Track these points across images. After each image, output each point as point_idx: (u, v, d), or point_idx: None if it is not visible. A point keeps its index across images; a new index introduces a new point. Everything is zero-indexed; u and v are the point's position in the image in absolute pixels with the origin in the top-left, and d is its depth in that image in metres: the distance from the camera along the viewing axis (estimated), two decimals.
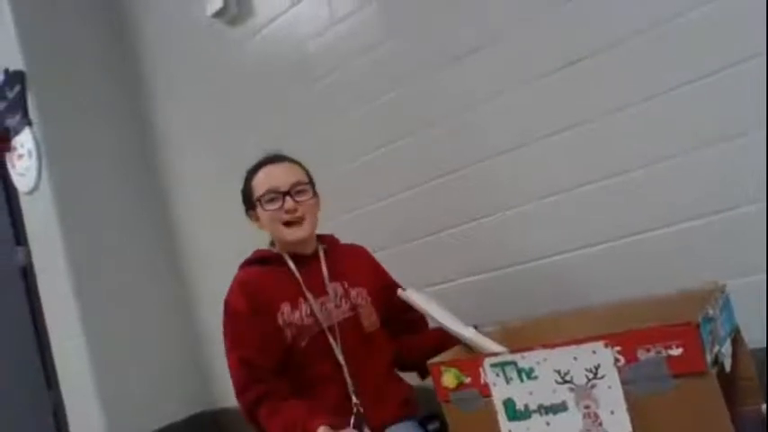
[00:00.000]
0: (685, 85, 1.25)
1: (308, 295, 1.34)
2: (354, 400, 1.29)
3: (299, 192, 1.36)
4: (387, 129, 1.74)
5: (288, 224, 1.35)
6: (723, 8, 1.20)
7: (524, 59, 1.46)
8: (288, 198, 1.34)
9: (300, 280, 1.35)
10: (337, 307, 1.35)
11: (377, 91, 1.75)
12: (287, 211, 1.34)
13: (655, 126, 1.30)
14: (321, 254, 1.41)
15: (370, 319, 1.38)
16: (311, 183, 1.41)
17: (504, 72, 1.50)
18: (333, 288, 1.37)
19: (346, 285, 1.38)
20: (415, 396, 1.40)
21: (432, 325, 1.37)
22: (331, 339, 1.31)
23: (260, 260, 1.41)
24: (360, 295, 1.39)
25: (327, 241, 1.46)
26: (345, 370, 1.31)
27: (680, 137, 1.27)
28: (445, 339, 1.20)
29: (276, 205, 1.34)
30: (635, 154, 1.33)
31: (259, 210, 1.37)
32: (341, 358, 1.31)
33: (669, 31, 1.26)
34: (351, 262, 1.44)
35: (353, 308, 1.37)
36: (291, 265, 1.37)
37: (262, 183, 1.37)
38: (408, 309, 1.32)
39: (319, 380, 1.31)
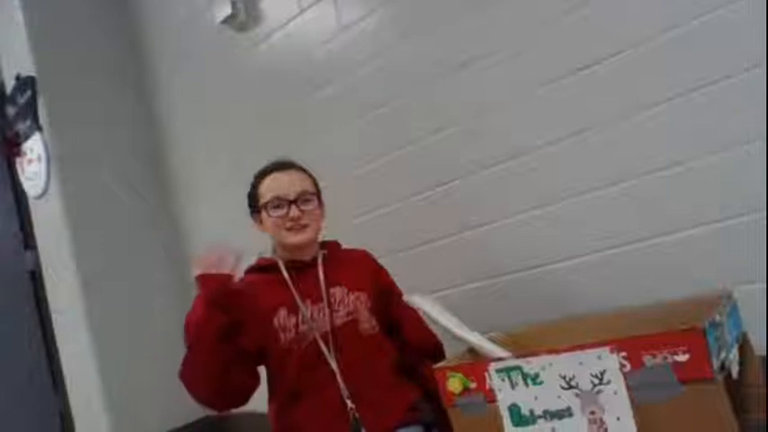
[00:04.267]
0: (692, 92, 1.25)
1: (303, 302, 1.35)
2: (350, 405, 1.30)
3: (304, 201, 1.39)
4: (394, 135, 1.74)
5: (290, 229, 1.38)
6: (725, 19, 1.20)
7: (532, 66, 1.46)
8: (293, 207, 1.37)
9: (293, 287, 1.37)
10: (335, 312, 1.37)
11: (384, 98, 1.75)
12: (291, 219, 1.37)
13: (659, 133, 1.30)
14: (320, 260, 1.42)
15: (368, 323, 1.39)
16: (317, 192, 1.43)
17: (511, 79, 1.50)
18: (331, 293, 1.38)
19: (346, 290, 1.40)
20: (422, 401, 1.39)
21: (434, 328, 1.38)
22: (323, 346, 1.33)
23: (260, 268, 1.44)
24: (358, 299, 1.40)
25: (329, 247, 1.47)
26: (339, 376, 1.32)
27: (685, 144, 1.27)
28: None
29: (281, 212, 1.37)
30: (641, 161, 1.33)
31: (264, 215, 1.40)
32: (333, 365, 1.32)
33: (674, 40, 1.26)
34: (351, 266, 1.45)
35: (351, 312, 1.38)
36: (284, 272, 1.39)
37: (268, 189, 1.39)
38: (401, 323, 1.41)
39: (313, 386, 1.32)
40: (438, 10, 1.62)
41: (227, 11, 2.09)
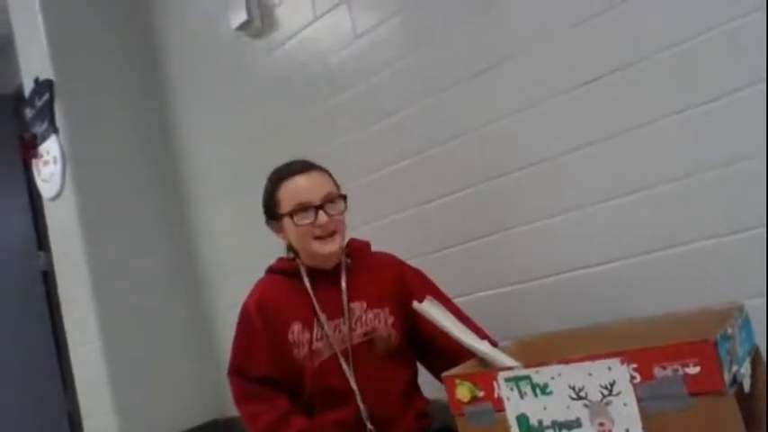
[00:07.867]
0: (699, 106, 1.25)
1: (322, 317, 1.29)
2: (369, 426, 1.26)
3: (331, 204, 1.29)
4: (408, 142, 1.75)
5: (318, 237, 1.29)
6: (728, 35, 1.20)
7: (545, 76, 1.46)
8: (321, 213, 1.27)
9: (315, 300, 1.30)
10: (352, 330, 1.30)
11: (398, 105, 1.76)
12: (319, 226, 1.27)
13: (667, 146, 1.29)
14: (343, 270, 1.34)
15: (387, 342, 1.32)
16: (339, 190, 1.35)
17: (525, 87, 1.50)
18: (351, 309, 1.31)
19: (365, 306, 1.32)
20: (429, 409, 1.39)
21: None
22: (344, 364, 1.27)
23: (281, 271, 1.36)
24: (378, 317, 1.32)
25: (356, 250, 1.38)
26: (358, 396, 1.27)
27: (694, 156, 1.26)
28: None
29: (308, 220, 1.27)
30: (652, 172, 1.32)
31: (286, 223, 1.30)
32: (353, 384, 1.27)
33: (682, 55, 1.26)
34: (375, 277, 1.36)
35: (368, 332, 1.31)
36: (307, 283, 1.31)
37: (290, 196, 1.29)
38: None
39: (331, 404, 1.28)
40: (451, 20, 1.62)
41: (243, 17, 2.10)
